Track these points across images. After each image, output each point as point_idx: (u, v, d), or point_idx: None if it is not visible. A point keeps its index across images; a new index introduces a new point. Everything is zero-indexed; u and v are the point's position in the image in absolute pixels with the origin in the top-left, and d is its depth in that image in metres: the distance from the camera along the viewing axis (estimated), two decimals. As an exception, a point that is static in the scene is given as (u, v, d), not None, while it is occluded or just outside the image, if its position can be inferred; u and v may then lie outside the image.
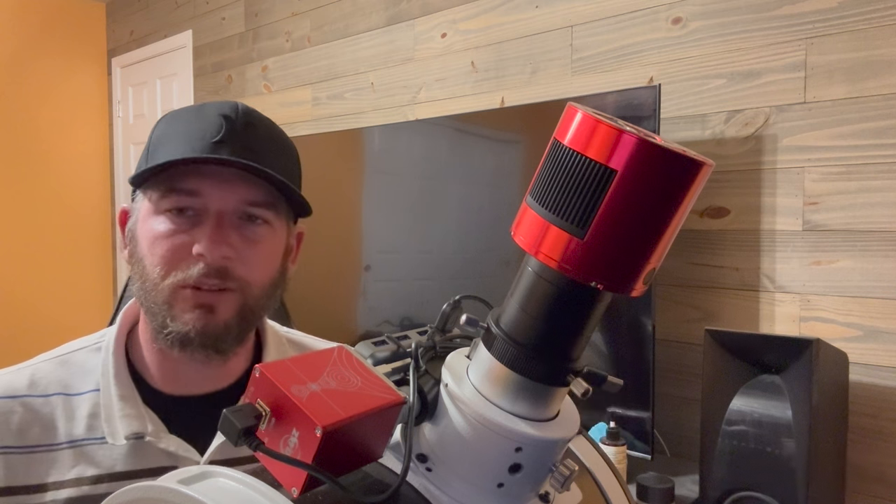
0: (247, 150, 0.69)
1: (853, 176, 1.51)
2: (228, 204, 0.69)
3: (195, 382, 0.75)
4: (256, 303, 0.72)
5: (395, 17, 2.46)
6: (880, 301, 1.48)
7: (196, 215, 0.69)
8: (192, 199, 0.69)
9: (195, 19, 3.41)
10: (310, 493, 0.31)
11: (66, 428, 0.72)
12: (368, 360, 0.37)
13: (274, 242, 0.74)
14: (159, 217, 0.70)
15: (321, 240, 2.45)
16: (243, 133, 0.70)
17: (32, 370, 0.75)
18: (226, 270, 0.69)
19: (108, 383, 0.73)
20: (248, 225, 0.71)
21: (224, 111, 0.70)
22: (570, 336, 0.33)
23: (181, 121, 0.72)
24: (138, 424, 0.71)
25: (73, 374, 0.75)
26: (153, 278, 0.69)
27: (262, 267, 0.73)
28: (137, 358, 0.76)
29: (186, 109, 0.74)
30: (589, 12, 1.93)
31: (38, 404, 0.72)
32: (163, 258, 0.69)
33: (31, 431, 0.71)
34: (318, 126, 2.75)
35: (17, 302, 3.70)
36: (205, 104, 0.73)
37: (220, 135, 0.68)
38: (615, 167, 0.28)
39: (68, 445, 0.71)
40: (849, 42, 1.50)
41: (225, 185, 0.69)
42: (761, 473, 1.29)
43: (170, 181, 0.69)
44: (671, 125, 1.76)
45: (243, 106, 0.72)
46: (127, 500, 0.30)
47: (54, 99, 3.88)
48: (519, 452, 0.34)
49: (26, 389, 0.73)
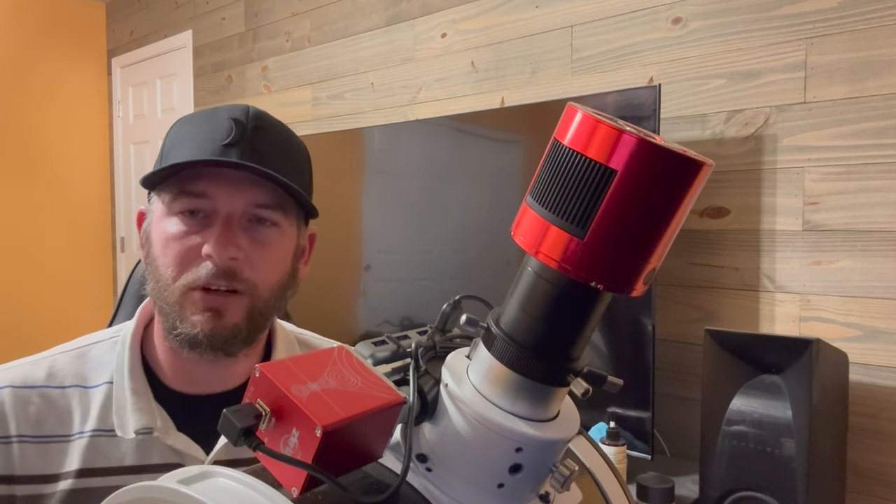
0: (255, 152, 0.70)
1: (853, 176, 1.51)
2: (237, 206, 0.70)
3: (206, 382, 0.76)
4: (265, 305, 0.73)
5: (395, 17, 2.46)
6: (880, 301, 1.48)
7: (206, 217, 0.71)
8: (202, 201, 0.70)
9: (195, 19, 3.41)
10: (310, 493, 0.31)
11: (80, 419, 0.73)
12: (368, 360, 0.36)
13: (283, 244, 0.74)
14: (171, 219, 0.71)
15: (321, 240, 2.44)
16: (252, 136, 0.71)
17: (50, 361, 0.77)
18: (233, 272, 0.70)
19: (122, 377, 0.74)
20: (256, 227, 0.72)
21: (235, 115, 0.71)
22: (571, 336, 0.33)
23: (193, 124, 0.73)
24: (148, 419, 0.72)
25: (90, 366, 0.76)
26: (165, 279, 0.70)
27: (271, 269, 0.73)
28: (151, 355, 0.77)
29: (199, 113, 0.75)
30: (589, 12, 1.93)
31: (55, 395, 0.74)
32: (174, 259, 0.70)
33: (47, 422, 0.73)
34: (318, 126, 2.75)
35: (17, 301, 3.70)
36: (218, 108, 0.74)
37: (230, 138, 0.69)
38: (615, 167, 0.28)
39: (80, 436, 0.72)
40: (849, 42, 1.50)
41: (233, 188, 0.70)
42: (761, 473, 1.29)
43: (180, 184, 0.70)
44: (671, 125, 1.76)
45: (255, 109, 0.73)
46: (127, 500, 0.30)
47: (54, 99, 3.88)
48: (519, 453, 0.34)
49: (44, 380, 0.74)
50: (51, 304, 3.81)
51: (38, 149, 3.82)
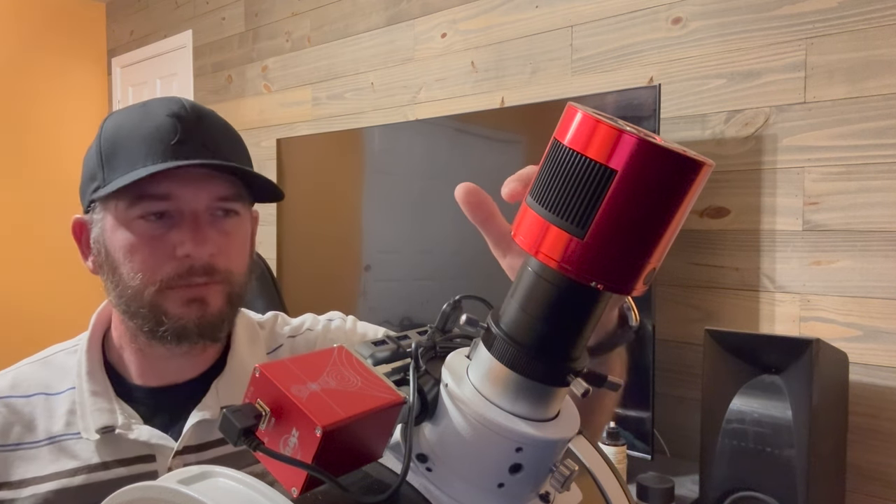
0: (206, 146, 0.71)
1: (853, 176, 1.51)
2: (201, 203, 0.72)
3: (172, 373, 0.78)
4: (241, 289, 0.77)
5: (395, 17, 2.46)
6: (880, 301, 1.48)
7: (171, 217, 0.71)
8: (165, 202, 0.70)
9: (195, 19, 3.41)
10: (310, 493, 0.31)
11: (45, 426, 0.74)
12: (368, 360, 0.36)
13: (244, 231, 0.78)
14: (132, 224, 0.71)
15: (321, 240, 2.45)
16: (197, 129, 0.72)
17: (15, 373, 0.78)
18: (211, 266, 0.72)
19: (82, 381, 0.75)
20: (222, 219, 0.74)
21: (174, 110, 0.72)
22: (571, 336, 0.33)
23: (132, 123, 0.72)
24: (108, 418, 0.73)
25: (53, 374, 0.78)
26: (134, 286, 0.71)
27: (240, 256, 0.77)
28: (115, 357, 0.79)
29: (131, 111, 0.74)
30: (589, 12, 1.93)
31: (20, 404, 0.75)
32: (144, 264, 0.70)
33: (12, 431, 0.74)
34: (318, 126, 2.75)
35: (16, 302, 3.70)
36: (148, 103, 0.74)
37: (178, 136, 0.70)
38: (615, 167, 0.28)
39: (48, 442, 0.73)
40: (849, 42, 1.50)
41: (195, 185, 0.71)
42: (761, 473, 1.29)
43: (138, 188, 0.70)
44: (671, 125, 1.76)
45: (187, 100, 0.74)
46: (126, 500, 0.30)
47: (54, 99, 3.88)
48: (519, 452, 0.34)
49: (9, 391, 0.76)
50: (49, 305, 3.81)
51: (38, 149, 3.82)
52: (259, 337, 0.85)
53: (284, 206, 2.60)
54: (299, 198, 2.56)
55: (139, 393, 0.77)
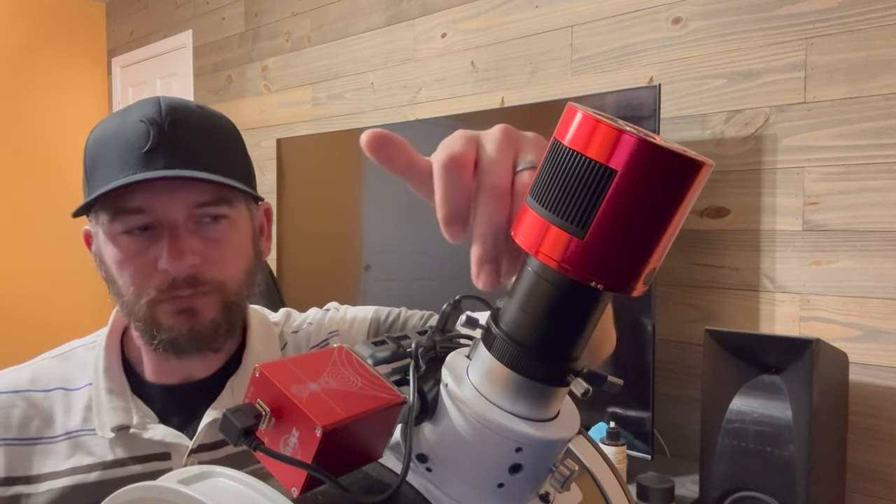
0: (179, 152, 0.68)
1: (853, 176, 1.51)
2: (178, 213, 0.68)
3: (187, 371, 0.77)
4: (238, 296, 0.73)
5: (395, 17, 2.46)
6: (880, 301, 1.48)
7: (152, 230, 0.69)
8: (142, 216, 0.68)
9: (195, 19, 3.41)
10: (310, 493, 0.31)
11: (63, 421, 0.74)
12: (368, 360, 0.36)
13: (238, 233, 0.74)
14: (117, 239, 0.70)
15: (321, 240, 2.44)
16: (172, 134, 0.68)
17: (34, 367, 0.78)
18: (195, 278, 0.69)
19: (98, 378, 0.75)
20: (206, 226, 0.71)
21: (148, 114, 0.69)
22: (571, 336, 0.33)
23: (108, 133, 0.71)
24: (124, 417, 0.72)
25: (73, 369, 0.78)
26: (129, 299, 0.71)
27: (233, 261, 0.73)
28: (134, 354, 0.78)
29: (111, 119, 0.72)
30: (589, 12, 1.93)
31: (39, 399, 0.75)
32: (132, 279, 0.70)
33: (31, 425, 0.74)
34: (318, 126, 2.75)
35: (16, 303, 3.70)
36: (129, 108, 0.71)
37: (150, 143, 0.67)
38: (615, 167, 0.28)
39: (65, 437, 0.73)
40: (849, 42, 1.50)
41: (169, 195, 0.68)
42: (761, 473, 1.29)
43: (114, 202, 0.68)
44: (671, 125, 1.76)
45: (167, 101, 0.71)
46: (126, 500, 0.30)
47: (54, 99, 3.88)
48: (519, 452, 0.34)
49: (28, 385, 0.76)
50: (49, 305, 3.81)
51: (38, 149, 3.82)
52: (274, 335, 0.84)
53: (284, 206, 2.60)
54: (299, 198, 2.56)
55: (154, 391, 0.76)
